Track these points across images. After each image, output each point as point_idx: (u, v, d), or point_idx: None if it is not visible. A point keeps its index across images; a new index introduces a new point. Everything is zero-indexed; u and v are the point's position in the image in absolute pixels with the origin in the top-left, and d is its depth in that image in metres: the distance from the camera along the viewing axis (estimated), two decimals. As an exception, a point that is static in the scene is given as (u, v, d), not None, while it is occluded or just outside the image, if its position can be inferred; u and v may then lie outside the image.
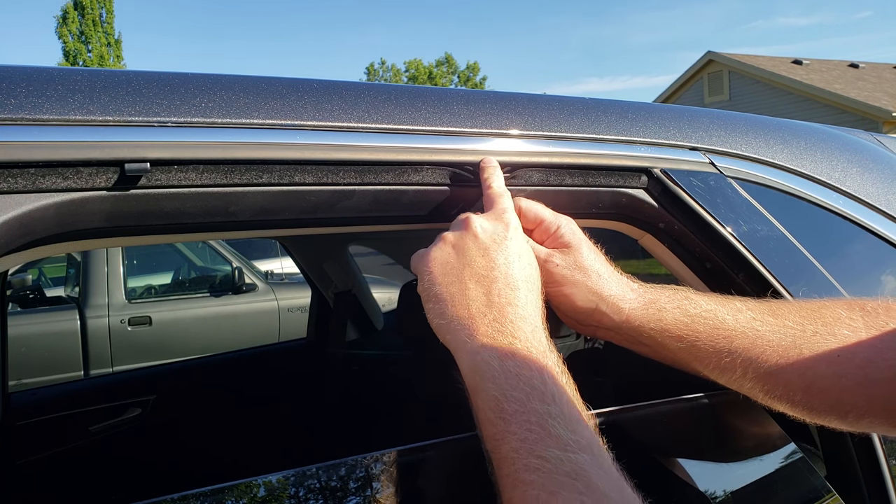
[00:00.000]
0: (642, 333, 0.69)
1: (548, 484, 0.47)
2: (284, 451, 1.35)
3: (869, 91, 19.87)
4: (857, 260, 0.90)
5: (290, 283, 5.64)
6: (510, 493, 0.49)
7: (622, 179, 0.81)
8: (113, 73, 0.62)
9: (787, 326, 0.64)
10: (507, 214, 0.66)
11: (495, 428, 0.51)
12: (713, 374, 0.68)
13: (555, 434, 0.50)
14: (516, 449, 0.49)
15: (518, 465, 0.49)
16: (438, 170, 0.71)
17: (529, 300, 0.60)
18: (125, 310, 4.66)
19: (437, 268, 0.62)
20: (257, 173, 0.63)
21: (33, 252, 0.63)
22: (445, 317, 0.60)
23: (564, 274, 0.69)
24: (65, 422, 1.84)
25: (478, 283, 0.60)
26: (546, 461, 0.48)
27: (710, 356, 0.66)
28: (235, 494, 0.65)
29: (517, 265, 0.62)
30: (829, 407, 0.62)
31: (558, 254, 0.70)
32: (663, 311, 0.68)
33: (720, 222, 0.82)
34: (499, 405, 0.52)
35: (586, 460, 0.49)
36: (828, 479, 0.82)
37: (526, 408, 0.51)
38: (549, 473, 0.47)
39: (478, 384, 0.54)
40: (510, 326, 0.57)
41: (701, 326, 0.66)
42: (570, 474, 0.47)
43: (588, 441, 0.51)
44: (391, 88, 0.74)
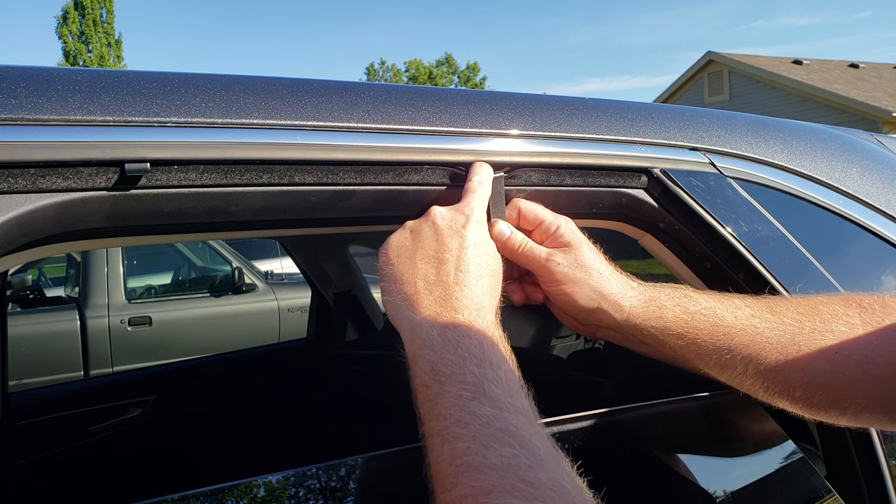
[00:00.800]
0: (643, 331, 0.69)
1: (479, 437, 0.46)
2: (284, 451, 1.35)
3: (869, 91, 19.87)
4: (857, 260, 0.90)
5: (290, 283, 5.64)
6: (439, 451, 0.47)
7: (622, 179, 0.81)
8: (113, 73, 0.62)
9: (785, 323, 0.65)
10: (469, 207, 0.66)
11: (429, 391, 0.51)
12: (713, 372, 0.68)
13: (490, 395, 0.49)
14: (449, 406, 0.49)
15: (450, 421, 0.48)
16: (438, 170, 0.71)
17: (479, 284, 0.60)
18: (125, 310, 4.66)
19: (393, 250, 0.64)
20: (257, 173, 0.63)
21: (33, 252, 0.63)
22: (393, 294, 0.61)
23: (566, 272, 0.69)
24: (65, 422, 1.84)
25: (427, 263, 0.61)
26: (479, 417, 0.47)
27: (711, 353, 0.66)
28: (235, 494, 0.65)
29: (471, 251, 0.62)
30: (828, 403, 0.62)
31: (559, 253, 0.70)
32: (664, 308, 0.68)
33: (720, 222, 0.82)
34: (435, 368, 0.52)
35: (521, 421, 0.48)
36: (828, 479, 0.82)
37: (462, 370, 0.51)
38: (483, 427, 0.46)
39: (416, 352, 0.55)
40: (455, 303, 0.58)
41: (701, 324, 0.67)
42: (504, 430, 0.46)
43: (525, 408, 0.50)
44: (391, 88, 0.74)
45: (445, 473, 0.45)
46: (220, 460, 1.43)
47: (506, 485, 0.42)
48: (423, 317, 0.57)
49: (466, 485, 0.43)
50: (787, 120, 1.05)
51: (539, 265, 0.70)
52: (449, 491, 0.44)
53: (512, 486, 0.42)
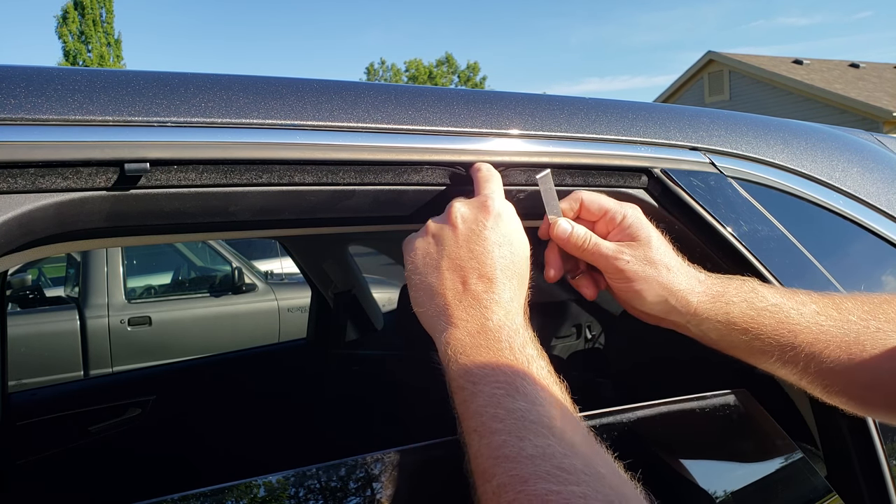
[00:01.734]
0: (709, 326, 0.68)
1: (515, 430, 0.48)
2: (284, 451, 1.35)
3: (869, 91, 19.86)
4: (857, 260, 0.90)
5: (290, 283, 5.64)
6: (477, 446, 0.49)
7: (622, 179, 0.81)
8: (113, 73, 0.62)
9: (850, 322, 0.64)
10: (490, 201, 0.65)
11: (465, 392, 0.53)
12: (774, 368, 0.67)
13: (522, 390, 0.51)
14: (484, 404, 0.50)
15: (486, 417, 0.49)
16: (438, 170, 0.71)
17: (507, 288, 0.61)
18: (125, 310, 4.65)
19: (419, 258, 0.64)
20: (257, 173, 0.63)
21: (33, 252, 0.63)
22: (425, 305, 0.62)
23: (636, 270, 0.67)
24: (65, 422, 1.84)
25: (454, 273, 0.61)
26: (513, 412, 0.49)
27: (774, 349, 0.66)
28: (235, 494, 0.65)
29: (496, 253, 0.62)
30: (887, 403, 0.62)
31: (627, 249, 0.68)
32: (731, 304, 0.67)
33: (720, 222, 0.82)
34: (468, 371, 0.53)
35: (555, 412, 0.50)
36: (828, 479, 0.82)
37: (495, 370, 0.53)
38: (517, 420, 0.48)
39: (449, 358, 0.56)
40: (484, 310, 0.59)
41: (767, 320, 0.66)
42: (538, 423, 0.48)
43: (558, 400, 0.52)
44: (391, 88, 0.74)
45: (484, 466, 0.47)
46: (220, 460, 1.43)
47: (541, 472, 0.44)
48: (455, 326, 0.58)
49: (504, 475, 0.45)
50: (787, 120, 1.05)
51: (606, 262, 0.68)
52: (489, 482, 0.46)
53: (547, 473, 0.44)
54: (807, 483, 0.81)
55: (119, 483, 1.74)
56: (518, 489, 0.43)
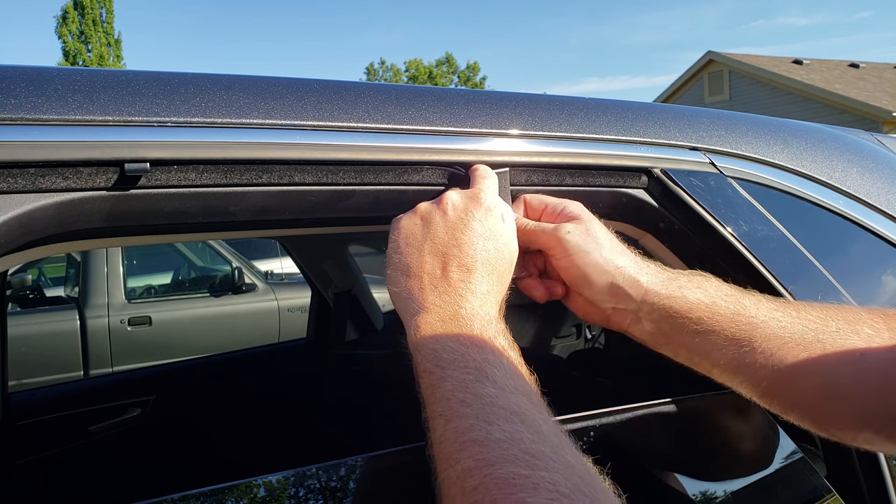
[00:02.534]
0: (661, 312, 0.64)
1: (483, 415, 0.46)
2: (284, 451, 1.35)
3: (869, 91, 19.87)
4: (857, 260, 0.90)
5: (290, 283, 5.64)
6: (442, 430, 0.47)
7: (622, 179, 0.81)
8: (113, 73, 0.62)
9: (808, 320, 0.61)
10: (483, 193, 0.65)
11: (432, 376, 0.51)
12: (727, 371, 0.63)
13: (492, 378, 0.50)
14: (452, 389, 0.49)
15: (453, 402, 0.48)
16: (438, 170, 0.71)
17: (486, 280, 0.60)
18: (125, 310, 4.65)
19: (402, 237, 0.63)
20: (257, 173, 0.63)
21: (33, 252, 0.63)
22: (399, 285, 0.61)
23: (577, 241, 0.65)
24: (65, 422, 1.84)
25: (435, 258, 0.60)
26: (482, 397, 0.48)
27: (729, 345, 0.62)
28: (235, 494, 0.65)
29: (480, 245, 0.61)
30: (847, 414, 0.58)
31: (569, 224, 0.67)
32: (684, 288, 0.64)
33: (720, 222, 0.82)
34: (437, 355, 0.52)
35: (524, 401, 0.48)
36: (828, 479, 0.82)
37: (465, 357, 0.51)
38: (486, 406, 0.47)
39: (419, 342, 0.55)
40: (458, 298, 0.58)
41: (722, 309, 0.63)
42: (507, 409, 0.47)
43: (527, 390, 0.51)
44: (391, 88, 0.74)
45: (449, 450, 0.46)
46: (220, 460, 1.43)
47: (509, 456, 0.43)
48: (428, 310, 0.57)
49: (470, 458, 0.44)
50: (787, 120, 1.05)
51: (547, 236, 0.67)
52: (453, 466, 0.44)
53: (515, 458, 0.43)
54: (807, 483, 0.81)
55: (119, 483, 1.74)
56: (484, 473, 0.42)
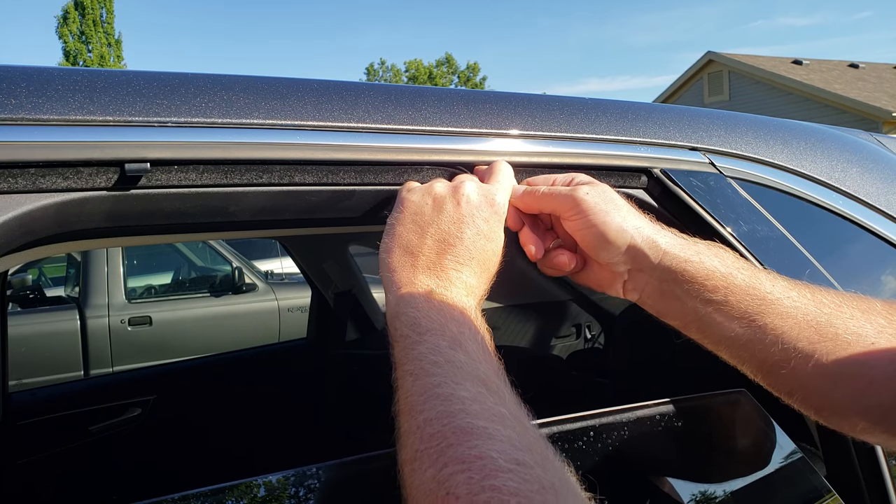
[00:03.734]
0: (678, 276, 0.63)
1: (451, 376, 0.48)
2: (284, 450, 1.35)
3: (869, 91, 19.86)
4: (857, 260, 0.90)
5: (290, 283, 5.64)
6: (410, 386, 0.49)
7: (622, 179, 0.81)
8: (113, 73, 0.62)
9: (823, 304, 0.60)
10: (498, 196, 0.66)
11: (408, 340, 0.53)
12: (736, 345, 0.62)
13: (466, 349, 0.51)
14: (426, 352, 0.51)
15: (425, 362, 0.50)
16: (438, 170, 0.72)
17: (475, 276, 0.62)
18: (125, 310, 4.65)
19: (410, 211, 0.64)
20: (257, 173, 0.63)
21: (33, 252, 0.63)
22: (393, 255, 0.62)
23: (595, 201, 0.64)
24: (65, 422, 1.84)
25: (436, 242, 0.61)
26: (453, 362, 0.49)
27: (741, 317, 0.60)
28: (235, 494, 0.65)
29: (480, 244, 0.62)
30: (850, 400, 0.57)
31: (584, 186, 0.66)
32: (702, 254, 0.63)
33: (720, 222, 0.82)
34: (416, 322, 0.54)
35: (492, 373, 0.50)
36: (828, 479, 0.82)
37: (443, 327, 0.53)
38: (456, 369, 0.49)
39: (400, 310, 0.56)
40: (448, 284, 0.59)
41: (738, 281, 0.61)
42: (475, 375, 0.49)
43: (496, 369, 0.52)
44: (391, 88, 0.74)
45: (413, 402, 0.47)
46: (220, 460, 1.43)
47: (470, 410, 0.44)
48: (415, 285, 0.59)
49: (432, 410, 0.45)
50: (787, 120, 1.05)
51: (564, 198, 0.65)
52: (415, 417, 0.46)
53: (476, 412, 0.44)
54: (807, 483, 0.81)
55: (119, 483, 1.74)
56: (444, 422, 0.43)
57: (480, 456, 0.41)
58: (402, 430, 0.47)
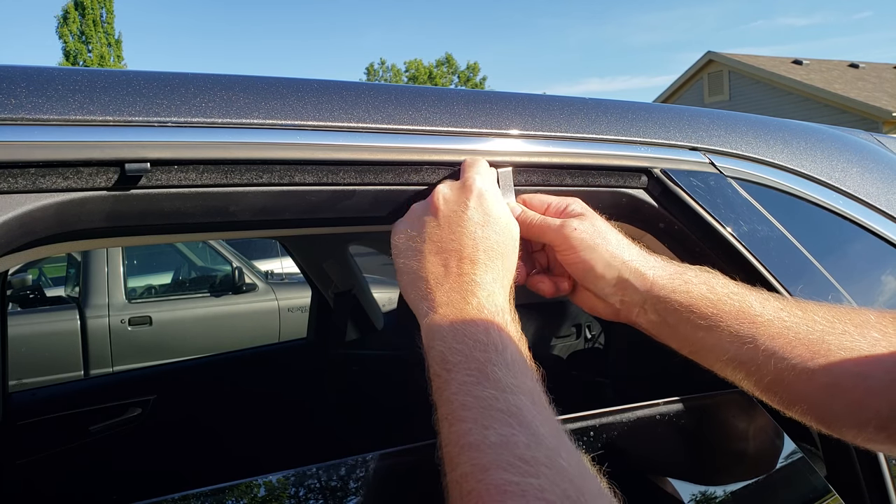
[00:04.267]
0: (667, 306, 0.65)
1: (481, 418, 0.48)
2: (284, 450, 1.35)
3: (869, 91, 19.87)
4: (857, 260, 0.90)
5: (290, 283, 5.64)
6: (446, 433, 0.49)
7: (622, 179, 0.81)
8: (113, 73, 0.62)
9: (815, 321, 0.61)
10: (471, 181, 0.65)
11: (440, 379, 0.53)
12: (731, 366, 0.63)
13: (493, 378, 0.51)
14: (455, 392, 0.51)
15: (455, 405, 0.50)
16: (438, 170, 0.71)
17: (489, 268, 0.61)
18: (125, 310, 4.66)
19: (402, 241, 0.64)
20: (257, 173, 0.63)
21: (33, 252, 0.63)
22: (409, 290, 0.62)
23: (583, 237, 0.66)
24: (65, 422, 1.84)
25: (436, 256, 0.61)
26: (481, 399, 0.49)
27: (733, 340, 0.62)
28: (235, 494, 0.65)
29: (479, 234, 0.61)
30: (849, 411, 0.57)
31: (574, 220, 0.68)
32: (690, 283, 0.65)
33: (720, 222, 0.82)
34: (444, 358, 0.54)
35: (524, 401, 0.50)
36: (828, 479, 0.82)
37: (468, 358, 0.53)
38: (484, 409, 0.49)
39: (429, 344, 0.56)
40: (465, 293, 0.58)
41: (727, 306, 0.63)
42: (505, 411, 0.48)
43: (529, 388, 0.52)
44: (391, 88, 0.74)
45: (451, 454, 0.48)
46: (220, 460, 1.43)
47: (503, 462, 0.44)
48: (436, 310, 0.58)
49: (467, 463, 0.46)
50: (787, 120, 1.05)
51: (554, 232, 0.67)
52: (454, 470, 0.47)
53: (508, 463, 0.44)
54: (807, 483, 0.81)
55: (119, 483, 1.74)
56: (478, 478, 0.44)
57: None
58: (448, 482, 0.47)
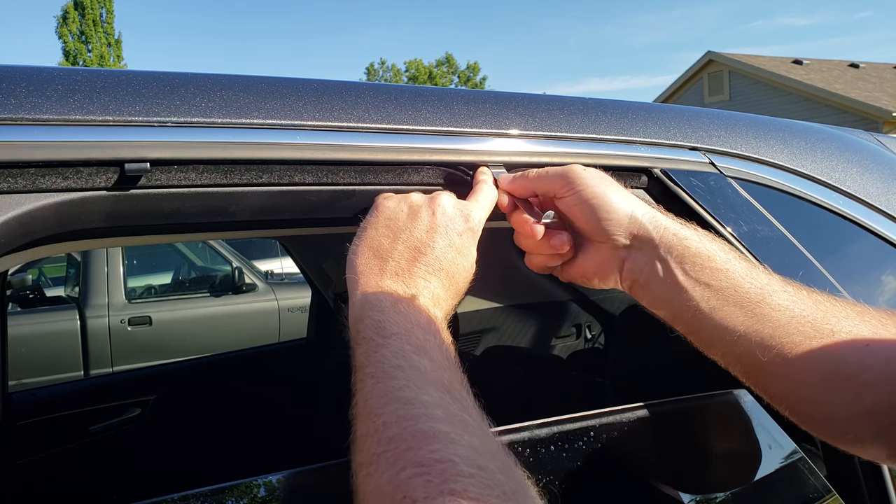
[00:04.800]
0: (680, 255, 0.61)
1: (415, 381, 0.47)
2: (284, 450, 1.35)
3: (869, 91, 19.87)
4: (857, 260, 0.90)
5: (290, 283, 5.65)
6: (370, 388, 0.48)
7: (622, 179, 0.81)
8: (113, 73, 0.62)
9: (819, 301, 0.59)
10: (474, 213, 0.65)
11: (371, 343, 0.52)
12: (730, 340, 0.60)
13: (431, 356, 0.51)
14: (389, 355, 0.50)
15: (387, 366, 0.49)
16: (438, 170, 0.71)
17: (444, 287, 0.61)
18: (125, 310, 4.66)
19: (384, 216, 0.63)
20: (257, 173, 0.63)
21: (33, 252, 0.63)
22: (362, 257, 0.61)
23: (593, 174, 0.65)
24: (65, 422, 1.84)
25: (408, 249, 0.61)
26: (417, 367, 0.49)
27: (740, 305, 0.59)
28: (235, 494, 0.65)
29: (451, 257, 0.61)
30: (845, 401, 0.55)
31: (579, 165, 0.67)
32: (701, 234, 0.63)
33: (720, 222, 0.82)
34: (381, 326, 0.53)
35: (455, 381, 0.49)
36: (828, 479, 0.82)
37: (408, 333, 0.52)
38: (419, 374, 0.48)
39: (364, 313, 0.55)
40: (414, 289, 0.58)
41: (738, 268, 0.60)
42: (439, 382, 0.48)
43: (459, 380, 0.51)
44: (391, 88, 0.74)
45: (372, 406, 0.46)
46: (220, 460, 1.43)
47: (432, 415, 0.43)
48: (381, 289, 0.58)
49: (393, 413, 0.44)
50: (787, 120, 1.05)
51: (560, 174, 0.65)
52: (374, 420, 0.44)
53: (438, 417, 0.43)
54: (807, 483, 0.81)
55: (119, 483, 1.74)
56: (404, 426, 0.42)
57: (441, 460, 0.39)
58: (359, 434, 0.45)
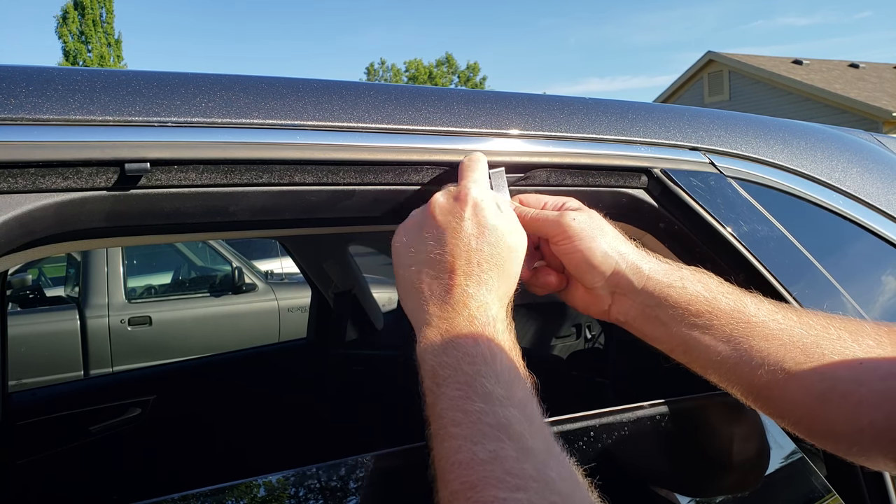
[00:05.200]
0: (662, 302, 0.64)
1: (470, 435, 0.48)
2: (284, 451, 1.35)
3: (869, 91, 19.87)
4: (857, 260, 0.90)
5: (290, 283, 5.65)
6: (437, 450, 0.49)
7: (622, 179, 0.81)
8: (113, 73, 0.62)
9: (810, 325, 0.60)
10: (466, 190, 0.63)
11: (431, 394, 0.53)
12: (723, 369, 0.62)
13: (482, 391, 0.51)
14: (445, 408, 0.51)
15: (445, 421, 0.50)
16: (438, 170, 0.71)
17: (483, 280, 0.60)
18: (125, 310, 4.66)
19: (398, 253, 0.64)
20: (257, 173, 0.63)
21: (33, 252, 0.63)
22: (406, 301, 0.62)
23: (581, 227, 0.66)
24: (65, 422, 1.84)
25: (430, 268, 0.61)
26: (470, 414, 0.49)
27: (727, 342, 0.61)
28: (235, 494, 0.65)
29: (473, 245, 0.60)
30: (844, 418, 0.56)
31: (572, 211, 0.67)
32: (685, 279, 0.64)
33: (720, 222, 0.82)
34: (435, 373, 0.54)
35: (513, 414, 0.49)
36: (828, 479, 0.82)
37: (456, 371, 0.52)
38: (473, 425, 0.48)
39: (422, 358, 0.56)
40: (457, 305, 0.58)
41: (723, 305, 0.62)
42: (494, 426, 0.48)
43: (519, 399, 0.51)
44: (391, 88, 0.74)
45: (442, 471, 0.48)
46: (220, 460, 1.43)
47: (491, 478, 0.45)
48: (428, 324, 0.58)
49: (457, 481, 0.46)
50: (787, 120, 1.05)
51: (551, 223, 0.67)
52: (445, 488, 0.47)
53: (497, 479, 0.44)
54: (807, 483, 0.81)
55: (119, 483, 1.74)
56: (468, 496, 0.44)
57: None
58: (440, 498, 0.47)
